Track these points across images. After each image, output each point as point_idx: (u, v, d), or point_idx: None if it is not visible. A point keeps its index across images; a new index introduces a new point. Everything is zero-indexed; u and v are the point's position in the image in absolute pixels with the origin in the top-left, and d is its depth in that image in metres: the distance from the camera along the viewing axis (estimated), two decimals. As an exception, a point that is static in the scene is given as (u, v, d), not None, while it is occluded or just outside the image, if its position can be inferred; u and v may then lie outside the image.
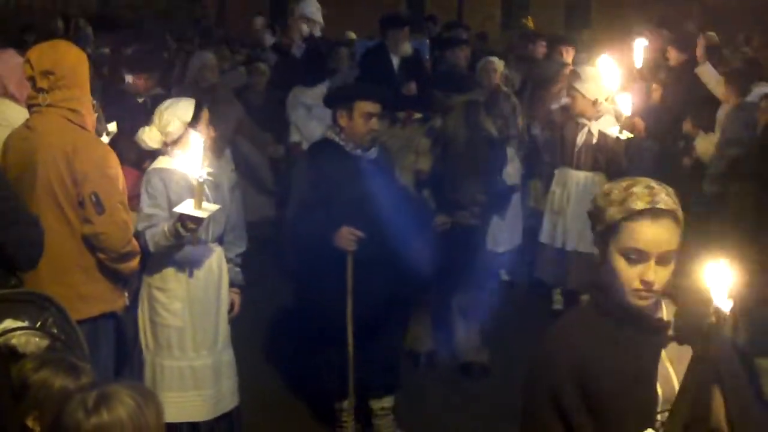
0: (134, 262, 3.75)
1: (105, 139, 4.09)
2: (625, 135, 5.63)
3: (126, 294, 3.87)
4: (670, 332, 2.15)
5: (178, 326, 4.07)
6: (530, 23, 10.67)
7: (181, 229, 3.75)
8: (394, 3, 17.08)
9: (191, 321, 4.08)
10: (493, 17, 13.28)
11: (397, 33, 7.61)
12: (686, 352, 2.12)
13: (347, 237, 4.14)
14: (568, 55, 8.13)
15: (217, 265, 4.14)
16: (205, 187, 3.69)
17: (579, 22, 17.70)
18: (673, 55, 7.86)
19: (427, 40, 9.78)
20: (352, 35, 11.77)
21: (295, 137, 7.40)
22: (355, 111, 4.22)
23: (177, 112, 3.99)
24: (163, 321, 4.08)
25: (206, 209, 3.63)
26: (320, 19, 7.70)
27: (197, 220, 3.68)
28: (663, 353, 2.15)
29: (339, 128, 4.27)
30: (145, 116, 4.87)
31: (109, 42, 7.96)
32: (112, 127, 4.04)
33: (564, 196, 6.14)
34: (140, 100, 5.27)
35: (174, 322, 4.07)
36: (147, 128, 4.04)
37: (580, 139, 5.99)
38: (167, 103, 4.09)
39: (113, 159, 3.65)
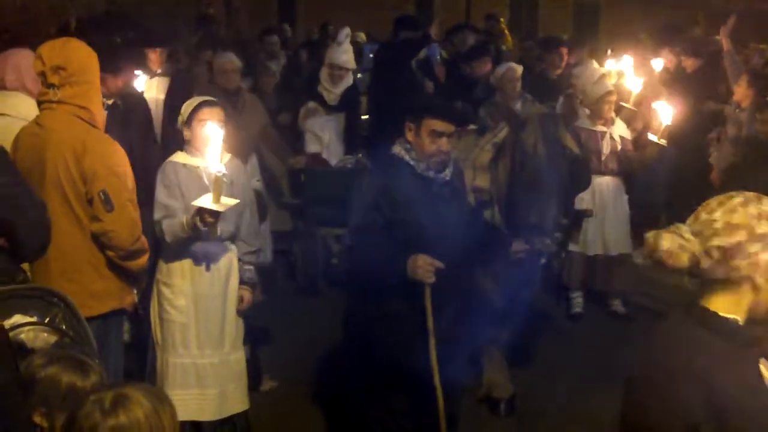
0: (143, 260, 3.75)
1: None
2: (663, 141, 5.68)
3: (135, 291, 3.86)
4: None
5: (182, 322, 4.07)
6: (502, 24, 10.94)
7: (199, 223, 3.74)
8: (401, 4, 17.06)
9: (195, 318, 4.08)
10: (502, 17, 13.25)
11: (410, 35, 7.56)
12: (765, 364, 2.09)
13: (425, 268, 3.54)
14: (566, 58, 7.99)
15: (225, 263, 4.13)
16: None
17: (588, 23, 17.68)
18: (689, 63, 7.81)
19: (437, 45, 9.75)
20: (363, 36, 11.73)
21: (313, 147, 6.86)
22: (422, 127, 3.74)
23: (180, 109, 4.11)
24: (169, 317, 4.09)
25: (224, 204, 3.64)
26: (353, 66, 7.12)
27: (215, 214, 3.69)
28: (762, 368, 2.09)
29: (409, 144, 3.78)
30: (115, 118, 4.82)
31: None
32: None
33: (596, 202, 6.19)
34: (110, 102, 5.07)
35: (178, 318, 4.07)
36: None
37: (606, 146, 6.15)
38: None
39: (122, 157, 3.65)
